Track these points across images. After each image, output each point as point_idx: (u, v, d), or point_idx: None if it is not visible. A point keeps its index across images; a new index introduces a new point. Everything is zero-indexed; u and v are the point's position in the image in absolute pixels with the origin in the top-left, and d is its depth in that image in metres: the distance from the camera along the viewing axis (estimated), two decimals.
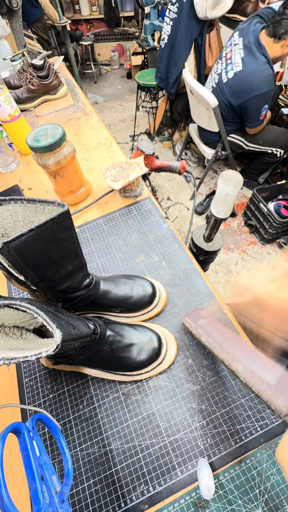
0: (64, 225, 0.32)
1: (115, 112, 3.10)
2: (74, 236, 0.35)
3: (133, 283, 0.50)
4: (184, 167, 0.76)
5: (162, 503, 0.37)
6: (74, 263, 0.38)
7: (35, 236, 0.29)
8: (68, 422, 0.44)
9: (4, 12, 1.36)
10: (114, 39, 3.70)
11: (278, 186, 1.68)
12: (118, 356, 0.44)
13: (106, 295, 0.48)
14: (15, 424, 0.28)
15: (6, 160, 0.85)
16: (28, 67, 1.04)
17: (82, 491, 0.39)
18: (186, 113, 2.13)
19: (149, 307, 0.51)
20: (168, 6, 1.78)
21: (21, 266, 0.31)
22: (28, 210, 0.34)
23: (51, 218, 0.30)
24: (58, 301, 0.43)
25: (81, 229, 0.67)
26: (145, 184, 0.76)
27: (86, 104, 1.10)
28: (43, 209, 0.34)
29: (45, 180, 0.81)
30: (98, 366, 0.45)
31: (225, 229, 1.85)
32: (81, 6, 3.37)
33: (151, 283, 0.51)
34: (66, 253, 0.36)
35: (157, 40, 2.31)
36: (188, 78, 1.59)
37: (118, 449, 0.41)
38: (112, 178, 0.66)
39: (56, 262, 0.35)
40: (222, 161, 2.16)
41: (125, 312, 0.50)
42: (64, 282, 0.39)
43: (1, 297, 0.31)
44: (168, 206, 2.02)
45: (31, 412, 0.44)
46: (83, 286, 0.44)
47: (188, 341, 0.49)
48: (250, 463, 0.38)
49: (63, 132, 0.57)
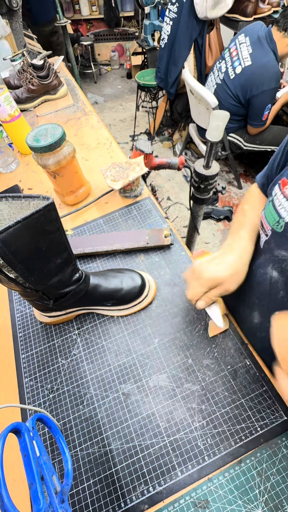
0: (50, 217, 0.33)
1: (115, 112, 3.10)
2: (61, 229, 0.36)
3: (122, 276, 0.52)
4: (183, 162, 0.77)
5: (162, 503, 0.37)
6: (63, 256, 0.39)
7: (22, 228, 0.30)
8: (68, 422, 0.44)
9: (4, 12, 1.36)
10: (114, 39, 3.69)
11: None
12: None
13: (97, 288, 0.49)
14: (15, 424, 0.28)
15: (6, 160, 0.85)
16: (28, 67, 1.04)
17: (82, 491, 0.39)
18: (186, 113, 2.13)
19: (139, 298, 0.52)
20: (168, 6, 1.78)
21: (10, 258, 0.32)
22: (14, 207, 0.34)
23: (37, 210, 0.31)
24: (49, 298, 0.43)
25: (81, 229, 0.67)
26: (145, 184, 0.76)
27: (86, 104, 1.10)
28: (28, 204, 0.34)
29: (45, 180, 0.81)
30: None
31: (225, 229, 1.85)
32: (81, 6, 3.37)
33: (140, 274, 0.53)
34: (54, 246, 0.37)
35: (157, 40, 2.31)
36: (188, 78, 1.59)
37: (118, 449, 0.41)
38: (112, 178, 0.66)
39: (44, 254, 0.36)
40: (222, 161, 2.16)
41: (116, 304, 0.51)
42: (54, 276, 0.40)
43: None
44: (168, 206, 2.02)
45: (31, 412, 0.44)
46: (73, 281, 0.45)
47: (188, 341, 0.49)
48: (250, 463, 0.38)
49: (63, 132, 0.57)
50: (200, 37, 1.77)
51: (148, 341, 0.49)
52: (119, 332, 0.51)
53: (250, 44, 1.39)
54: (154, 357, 0.48)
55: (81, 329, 0.52)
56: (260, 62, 1.37)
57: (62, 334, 0.52)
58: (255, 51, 1.38)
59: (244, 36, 1.43)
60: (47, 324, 0.53)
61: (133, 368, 0.47)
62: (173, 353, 0.48)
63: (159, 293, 0.55)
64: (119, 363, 0.48)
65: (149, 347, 0.49)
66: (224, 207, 1.90)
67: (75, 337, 0.52)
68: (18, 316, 0.56)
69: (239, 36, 1.46)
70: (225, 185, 2.10)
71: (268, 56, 1.35)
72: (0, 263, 0.32)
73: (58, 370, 0.48)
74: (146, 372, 0.46)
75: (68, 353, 0.50)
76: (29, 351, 0.51)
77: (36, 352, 0.51)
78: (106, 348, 0.50)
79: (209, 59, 1.90)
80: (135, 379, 0.46)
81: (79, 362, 0.49)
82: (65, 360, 0.49)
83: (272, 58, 1.35)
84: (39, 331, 0.53)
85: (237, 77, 1.46)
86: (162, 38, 1.92)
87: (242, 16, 1.85)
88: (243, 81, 1.43)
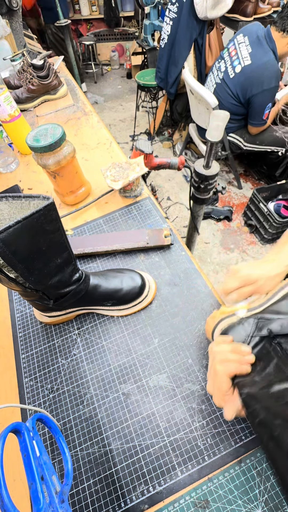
0: (50, 217, 0.33)
1: (115, 112, 3.10)
2: (61, 229, 0.36)
3: (122, 276, 0.52)
4: (182, 162, 0.77)
5: (162, 503, 0.37)
6: (63, 256, 0.39)
7: (22, 228, 0.30)
8: (68, 422, 0.44)
9: (4, 12, 1.36)
10: (114, 39, 3.70)
11: (278, 186, 1.68)
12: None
13: (97, 288, 0.49)
14: (15, 424, 0.28)
15: (6, 160, 0.85)
16: (28, 67, 1.04)
17: (82, 491, 0.39)
18: (186, 113, 2.13)
19: (139, 298, 0.52)
20: (168, 6, 1.78)
21: (10, 258, 0.32)
22: (14, 207, 0.34)
23: (37, 210, 0.31)
24: (49, 298, 0.44)
25: (81, 229, 0.67)
26: (145, 184, 0.76)
27: (86, 104, 1.10)
28: (29, 204, 0.34)
29: (45, 180, 0.81)
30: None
31: (225, 229, 1.85)
32: (81, 6, 3.37)
33: (140, 274, 0.53)
34: (54, 246, 0.37)
35: (157, 40, 2.31)
36: (188, 78, 1.59)
37: (118, 449, 0.41)
38: (112, 178, 0.66)
39: (44, 254, 0.36)
40: (222, 161, 2.15)
41: (116, 304, 0.51)
42: (54, 276, 0.40)
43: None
44: (168, 206, 2.02)
45: (31, 412, 0.44)
46: (73, 281, 0.45)
47: (188, 341, 0.49)
48: (250, 463, 0.38)
49: (63, 132, 0.57)
50: (200, 37, 1.77)
51: (148, 341, 0.49)
52: (119, 332, 0.51)
53: (249, 44, 1.40)
54: (154, 357, 0.48)
55: (81, 329, 0.52)
56: (260, 61, 1.37)
57: (62, 334, 0.52)
58: (254, 50, 1.38)
59: (242, 36, 1.44)
60: (47, 324, 0.53)
61: (133, 368, 0.47)
62: (173, 353, 0.48)
63: (159, 293, 0.55)
64: (119, 363, 0.48)
65: (149, 347, 0.49)
66: (224, 207, 1.90)
67: (75, 337, 0.52)
68: (18, 316, 0.56)
69: (237, 36, 1.46)
70: (225, 185, 2.10)
71: (267, 55, 1.36)
72: (0, 263, 0.32)
73: (58, 370, 0.48)
74: (146, 372, 0.46)
75: (68, 353, 0.50)
76: (29, 351, 0.51)
77: (36, 352, 0.51)
78: (106, 348, 0.50)
79: (209, 59, 1.90)
80: (135, 379, 0.46)
81: (79, 362, 0.49)
82: (65, 360, 0.49)
83: (272, 57, 1.36)
84: (39, 331, 0.53)
85: (237, 76, 1.46)
86: (162, 38, 1.92)
87: (242, 16, 1.85)
88: (243, 80, 1.43)
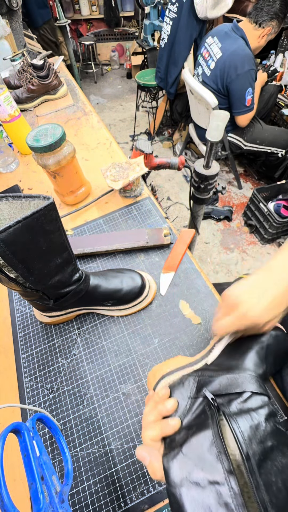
0: (50, 217, 0.33)
1: (115, 112, 3.10)
2: (61, 229, 0.36)
3: (122, 276, 0.52)
4: (182, 162, 0.77)
5: (162, 503, 0.37)
6: (63, 256, 0.39)
7: (22, 228, 0.30)
8: (68, 422, 0.44)
9: (4, 12, 1.36)
10: (114, 39, 3.70)
11: (278, 186, 1.68)
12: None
13: (97, 288, 0.49)
14: (15, 424, 0.28)
15: (6, 160, 0.85)
16: (28, 67, 1.04)
17: (82, 491, 0.39)
18: (186, 113, 2.13)
19: (139, 298, 0.52)
20: (168, 6, 1.78)
21: (10, 258, 0.32)
22: (14, 207, 0.34)
23: (37, 210, 0.31)
24: (50, 298, 0.43)
25: (81, 229, 0.67)
26: (145, 184, 0.76)
27: (86, 104, 1.10)
28: (29, 204, 0.34)
29: (45, 180, 0.81)
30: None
31: (225, 229, 1.85)
32: (81, 6, 3.37)
33: (140, 274, 0.53)
34: (54, 245, 0.37)
35: (157, 40, 2.31)
36: (188, 78, 1.59)
37: (118, 449, 0.41)
38: (112, 178, 0.66)
39: (44, 254, 0.36)
40: (222, 161, 2.16)
41: (116, 304, 0.51)
42: (54, 276, 0.40)
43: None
44: (168, 206, 2.02)
45: (31, 412, 0.44)
46: (74, 281, 0.45)
47: (188, 341, 0.49)
48: None
49: (63, 132, 0.57)
50: (200, 37, 1.77)
51: (148, 341, 0.49)
52: (119, 332, 0.51)
53: (219, 41, 1.44)
54: (154, 357, 0.48)
55: (81, 329, 0.52)
56: (229, 50, 1.39)
57: (62, 334, 0.52)
58: (223, 43, 1.42)
59: (211, 37, 1.49)
60: (47, 324, 0.53)
61: (133, 368, 0.47)
62: (173, 353, 0.48)
63: (159, 293, 0.55)
64: (119, 363, 0.48)
65: (149, 347, 0.49)
66: (224, 207, 1.90)
67: (75, 337, 0.52)
68: (18, 316, 0.56)
69: (207, 39, 1.52)
70: (225, 185, 2.10)
71: (237, 42, 1.38)
72: (0, 263, 0.32)
73: (58, 370, 0.48)
74: (146, 372, 0.46)
75: (68, 353, 0.50)
76: (29, 351, 0.51)
77: (36, 352, 0.51)
78: (106, 348, 0.50)
79: None
80: (135, 379, 0.46)
81: (79, 362, 0.49)
82: (65, 360, 0.49)
83: (241, 43, 1.37)
84: (39, 331, 0.53)
85: (213, 72, 1.49)
86: (162, 38, 1.92)
87: (242, 16, 1.86)
88: (219, 73, 1.46)
